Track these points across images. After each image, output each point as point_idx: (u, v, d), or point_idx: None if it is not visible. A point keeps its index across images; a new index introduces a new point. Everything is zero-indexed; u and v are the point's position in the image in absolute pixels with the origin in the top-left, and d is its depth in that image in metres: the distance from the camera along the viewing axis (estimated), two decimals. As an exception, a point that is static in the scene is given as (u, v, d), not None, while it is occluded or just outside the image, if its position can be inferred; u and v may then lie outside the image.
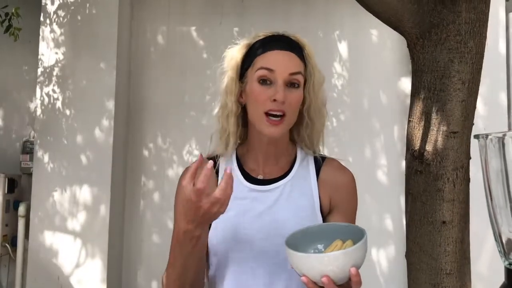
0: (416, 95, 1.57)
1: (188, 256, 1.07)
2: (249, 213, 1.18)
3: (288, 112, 1.15)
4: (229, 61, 1.22)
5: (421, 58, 1.54)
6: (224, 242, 1.17)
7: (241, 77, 1.21)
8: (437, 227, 1.55)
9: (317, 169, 1.25)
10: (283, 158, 1.25)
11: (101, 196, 3.20)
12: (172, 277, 1.12)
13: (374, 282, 3.19)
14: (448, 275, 1.55)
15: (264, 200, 1.20)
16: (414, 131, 1.58)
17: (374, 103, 3.34)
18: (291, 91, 1.16)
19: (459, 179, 1.52)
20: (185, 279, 1.11)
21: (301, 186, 1.22)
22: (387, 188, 3.18)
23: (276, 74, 1.15)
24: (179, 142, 3.47)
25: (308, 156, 1.27)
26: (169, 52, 3.55)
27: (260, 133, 1.18)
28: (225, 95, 1.22)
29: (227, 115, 1.21)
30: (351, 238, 1.04)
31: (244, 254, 1.17)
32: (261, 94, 1.15)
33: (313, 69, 1.21)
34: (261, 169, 1.23)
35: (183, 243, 1.06)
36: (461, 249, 1.56)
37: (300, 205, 1.20)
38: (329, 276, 0.95)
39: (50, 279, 3.16)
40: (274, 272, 1.16)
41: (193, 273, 1.11)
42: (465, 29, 1.47)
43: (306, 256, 1.00)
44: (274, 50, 1.17)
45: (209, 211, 0.99)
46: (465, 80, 1.49)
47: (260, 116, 1.15)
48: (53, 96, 3.28)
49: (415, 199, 1.58)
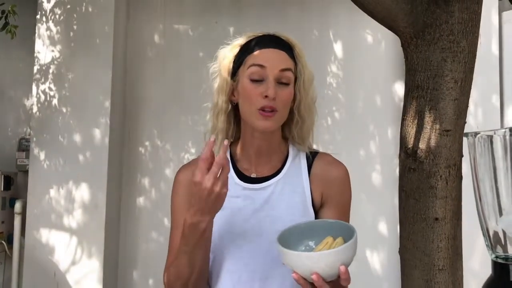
0: (409, 94, 1.60)
1: (194, 250, 1.11)
2: (243, 210, 1.21)
3: (279, 108, 1.18)
4: (221, 61, 1.26)
5: (414, 57, 1.56)
6: (219, 239, 1.20)
7: (233, 76, 1.24)
8: (430, 224, 1.57)
9: (309, 165, 1.28)
10: (275, 156, 1.28)
11: (97, 193, 3.21)
12: (175, 274, 1.15)
13: (368, 278, 3.22)
14: (440, 271, 1.57)
15: (257, 198, 1.23)
16: (408, 129, 1.60)
17: (368, 102, 3.36)
18: (282, 88, 1.19)
19: (451, 176, 1.54)
20: (189, 274, 1.14)
21: (292, 183, 1.25)
22: (381, 186, 3.20)
23: (267, 70, 1.18)
24: (175, 140, 3.49)
25: (300, 152, 1.30)
26: (165, 51, 3.56)
27: (252, 130, 1.21)
28: (217, 94, 1.26)
29: (217, 113, 1.26)
30: (342, 235, 1.07)
31: (240, 250, 1.20)
32: (253, 91, 1.18)
33: (303, 67, 1.24)
34: (254, 168, 1.26)
35: (189, 236, 1.09)
36: (453, 245, 1.58)
37: (292, 202, 1.23)
38: (318, 273, 0.98)
39: (46, 276, 3.17)
40: (269, 267, 1.19)
41: (197, 267, 1.14)
42: (457, 29, 1.49)
43: (296, 254, 1.02)
44: (265, 48, 1.21)
45: (212, 191, 1.02)
46: (457, 79, 1.51)
47: (252, 113, 1.19)
48: (49, 94, 3.28)
49: (408, 196, 1.60)
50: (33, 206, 3.23)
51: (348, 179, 1.31)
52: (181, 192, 1.27)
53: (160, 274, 3.23)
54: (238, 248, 1.20)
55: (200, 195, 1.03)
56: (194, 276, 1.15)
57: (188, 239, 1.10)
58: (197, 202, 1.04)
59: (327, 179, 1.27)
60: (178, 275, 1.16)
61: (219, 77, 1.26)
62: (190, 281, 1.16)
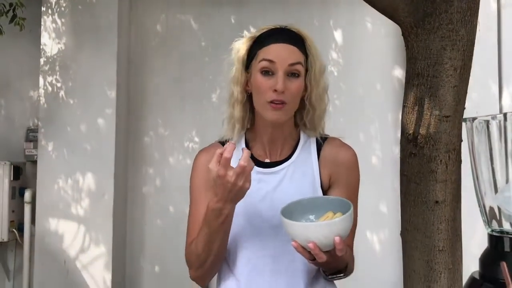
0: (410, 81, 1.64)
1: (215, 233, 1.20)
2: (258, 192, 1.29)
3: (288, 101, 1.25)
4: (235, 53, 1.32)
5: (415, 46, 1.60)
6: (235, 217, 1.26)
7: (247, 68, 1.30)
8: (431, 207, 1.61)
9: (318, 149, 1.35)
10: (287, 143, 1.35)
11: (104, 182, 3.27)
12: (195, 253, 1.25)
13: (371, 259, 3.28)
14: (440, 252, 1.62)
15: (270, 181, 1.31)
16: (409, 116, 1.64)
17: (368, 90, 3.40)
18: (291, 81, 1.25)
19: (451, 160, 1.58)
20: (206, 255, 1.24)
21: (303, 167, 1.32)
22: (381, 170, 3.25)
23: (276, 65, 1.24)
24: (179, 129, 3.54)
25: (311, 138, 1.37)
26: (168, 41, 3.59)
27: (264, 120, 1.27)
28: (232, 85, 1.32)
29: (233, 103, 1.32)
30: (342, 211, 1.15)
31: (254, 228, 1.28)
32: (263, 84, 1.25)
33: (314, 59, 1.30)
34: (268, 154, 1.34)
35: (211, 221, 1.18)
36: (453, 227, 1.63)
37: (302, 185, 1.31)
38: (315, 242, 1.07)
39: (56, 263, 3.24)
40: (281, 245, 1.26)
41: (215, 250, 1.24)
42: (456, 18, 1.53)
43: (295, 224, 1.13)
44: (276, 44, 1.26)
45: (235, 184, 1.11)
46: (457, 66, 1.55)
47: (263, 105, 1.25)
48: (56, 85, 3.33)
49: (409, 180, 1.65)
50: (42, 195, 3.29)
51: (356, 162, 1.39)
52: (200, 174, 1.35)
53: (165, 259, 3.31)
54: (252, 227, 1.29)
55: (224, 187, 1.13)
56: (211, 258, 1.25)
57: (210, 223, 1.19)
58: (220, 192, 1.14)
59: (335, 161, 1.35)
60: (197, 255, 1.25)
61: (234, 69, 1.32)
62: (207, 262, 1.25)
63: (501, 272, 0.59)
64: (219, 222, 1.18)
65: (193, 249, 1.27)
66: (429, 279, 1.61)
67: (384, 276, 3.22)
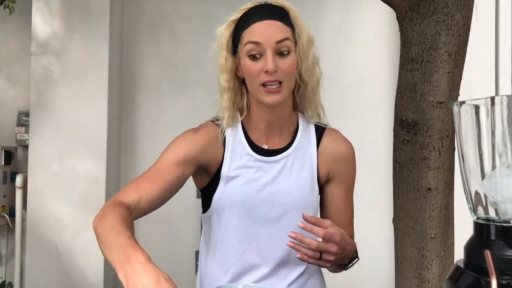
0: (404, 67, 1.62)
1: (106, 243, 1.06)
2: (256, 182, 1.25)
3: (283, 79, 1.18)
4: (219, 40, 1.25)
5: (409, 30, 1.58)
6: (232, 207, 1.25)
7: (235, 53, 1.24)
8: (423, 194, 1.61)
9: (318, 138, 1.30)
10: (286, 128, 1.29)
11: (97, 167, 3.24)
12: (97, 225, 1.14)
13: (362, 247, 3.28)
14: (432, 239, 1.62)
15: (269, 170, 1.26)
16: (402, 102, 1.63)
17: (363, 74, 3.37)
18: (282, 59, 1.18)
19: (444, 147, 1.58)
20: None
21: (302, 158, 1.28)
22: (374, 157, 3.23)
23: (263, 45, 1.17)
24: (172, 113, 3.50)
25: (310, 125, 1.32)
26: (161, 24, 3.54)
27: (260, 103, 1.22)
28: (219, 73, 1.26)
29: (221, 92, 1.26)
30: None
31: (250, 220, 1.25)
32: (252, 67, 1.18)
33: (300, 31, 1.22)
34: (265, 139, 1.28)
35: (112, 247, 1.02)
36: (445, 215, 1.63)
37: (301, 176, 1.27)
38: None
39: (48, 248, 3.22)
40: (276, 237, 1.24)
41: None
42: (452, 1, 1.51)
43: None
44: (259, 22, 1.19)
45: None
46: (451, 52, 1.53)
47: (257, 88, 1.20)
48: (48, 69, 3.29)
49: (402, 167, 1.64)
50: (34, 180, 3.27)
51: (354, 156, 1.35)
52: (185, 141, 1.34)
53: (159, 241, 3.26)
54: (249, 217, 1.25)
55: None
56: None
57: (111, 244, 1.04)
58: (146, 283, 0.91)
59: (334, 156, 1.30)
60: (96, 226, 1.14)
61: (220, 57, 1.26)
62: None
63: (485, 260, 0.58)
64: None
65: (100, 218, 1.13)
66: (420, 266, 1.61)
67: (375, 263, 3.22)
